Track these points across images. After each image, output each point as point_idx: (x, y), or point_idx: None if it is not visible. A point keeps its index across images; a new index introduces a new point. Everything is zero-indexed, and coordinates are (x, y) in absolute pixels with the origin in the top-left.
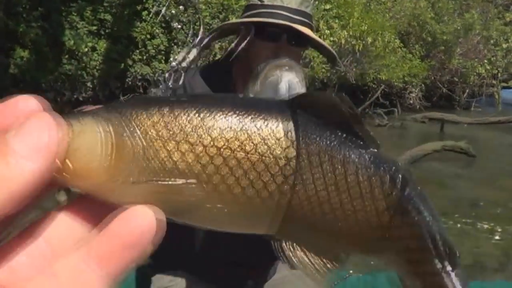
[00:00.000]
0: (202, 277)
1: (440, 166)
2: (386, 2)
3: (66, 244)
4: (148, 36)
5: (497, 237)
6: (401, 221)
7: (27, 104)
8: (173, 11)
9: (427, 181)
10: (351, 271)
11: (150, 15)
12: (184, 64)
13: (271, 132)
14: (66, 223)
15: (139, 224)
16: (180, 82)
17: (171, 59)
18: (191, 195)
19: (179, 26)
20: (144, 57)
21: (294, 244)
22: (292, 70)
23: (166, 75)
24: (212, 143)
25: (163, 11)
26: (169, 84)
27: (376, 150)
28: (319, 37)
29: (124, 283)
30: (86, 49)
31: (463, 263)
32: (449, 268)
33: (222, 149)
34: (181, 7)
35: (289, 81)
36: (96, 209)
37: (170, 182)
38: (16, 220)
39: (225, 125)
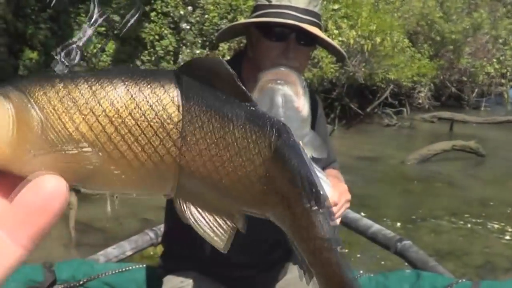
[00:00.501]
0: (213, 278)
1: (449, 166)
2: (394, 2)
3: None
4: (157, 37)
5: (507, 237)
6: (280, 172)
7: None
8: (182, 12)
9: (436, 181)
10: (361, 271)
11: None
12: (79, 43)
13: (158, 99)
14: None
15: (47, 191)
16: (76, 60)
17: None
18: (89, 163)
19: (188, 27)
20: (153, 58)
21: (191, 204)
22: (286, 84)
23: (62, 53)
24: (103, 113)
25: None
26: (65, 62)
27: (253, 108)
28: (328, 37)
29: (135, 284)
30: (95, 50)
31: (474, 263)
32: (319, 209)
33: (113, 118)
34: (189, 7)
35: (283, 94)
36: (9, 179)
37: (68, 152)
38: None
39: (115, 96)
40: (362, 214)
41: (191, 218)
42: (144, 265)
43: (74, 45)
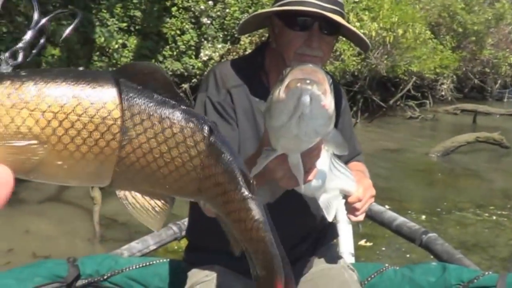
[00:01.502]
0: (238, 272)
1: (473, 158)
2: None
3: None
4: (178, 32)
5: None
6: (214, 162)
7: None
8: (202, 7)
9: (461, 173)
10: (387, 264)
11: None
12: (20, 44)
13: (98, 98)
14: None
15: None
16: (19, 60)
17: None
18: (34, 154)
19: (209, 22)
20: (175, 53)
21: (130, 193)
22: (314, 83)
23: (7, 54)
24: (48, 108)
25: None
26: (9, 62)
27: (186, 108)
28: None
29: (159, 278)
30: (116, 46)
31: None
32: (250, 194)
33: (57, 114)
34: (210, 2)
35: (311, 94)
36: None
37: (15, 145)
38: None
39: (59, 93)
40: (387, 206)
41: (126, 202)
42: (168, 259)
43: (18, 47)
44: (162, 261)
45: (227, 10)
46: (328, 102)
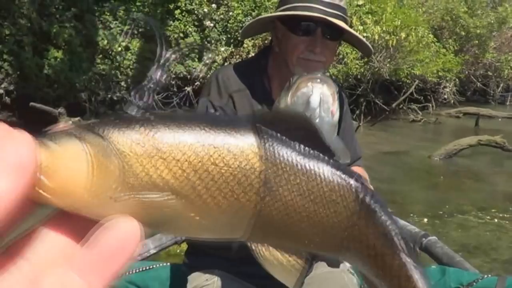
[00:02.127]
0: (239, 276)
1: (476, 161)
2: None
3: (52, 260)
4: (181, 35)
5: None
6: (367, 224)
7: None
8: (206, 10)
9: (463, 176)
10: None
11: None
12: (150, 85)
13: (237, 146)
14: (51, 239)
15: (122, 234)
16: (146, 99)
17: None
18: (168, 208)
19: (212, 25)
20: (178, 55)
21: (265, 246)
22: (325, 83)
23: (133, 93)
24: (183, 157)
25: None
26: (139, 103)
27: (337, 161)
28: None
29: (159, 282)
30: (119, 49)
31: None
32: (409, 259)
33: (193, 163)
34: (213, 5)
35: (321, 93)
36: (80, 222)
37: (147, 197)
38: None
39: (194, 140)
40: (389, 210)
41: (261, 257)
42: (168, 263)
43: (145, 87)
44: (162, 265)
45: (231, 13)
46: (335, 108)
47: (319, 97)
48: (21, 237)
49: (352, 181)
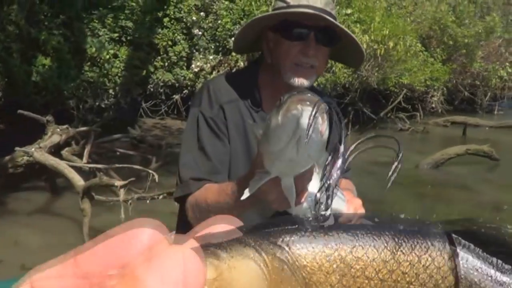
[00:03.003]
0: None
1: (463, 170)
2: (407, 6)
3: None
4: (170, 43)
5: None
6: None
7: (147, 236)
8: (194, 18)
9: (450, 186)
10: None
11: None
12: (321, 194)
13: (431, 260)
14: None
15: None
16: (324, 212)
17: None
18: None
19: (200, 33)
20: (166, 63)
21: None
22: (314, 104)
23: (311, 205)
24: (375, 275)
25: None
26: (318, 213)
27: None
28: (340, 43)
29: None
30: (108, 56)
31: None
32: None
33: (384, 280)
34: (202, 13)
35: (310, 115)
36: None
37: None
38: None
39: (385, 256)
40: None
41: None
42: None
43: (320, 198)
44: None
45: (219, 22)
46: (324, 128)
47: (308, 118)
48: None
49: None
